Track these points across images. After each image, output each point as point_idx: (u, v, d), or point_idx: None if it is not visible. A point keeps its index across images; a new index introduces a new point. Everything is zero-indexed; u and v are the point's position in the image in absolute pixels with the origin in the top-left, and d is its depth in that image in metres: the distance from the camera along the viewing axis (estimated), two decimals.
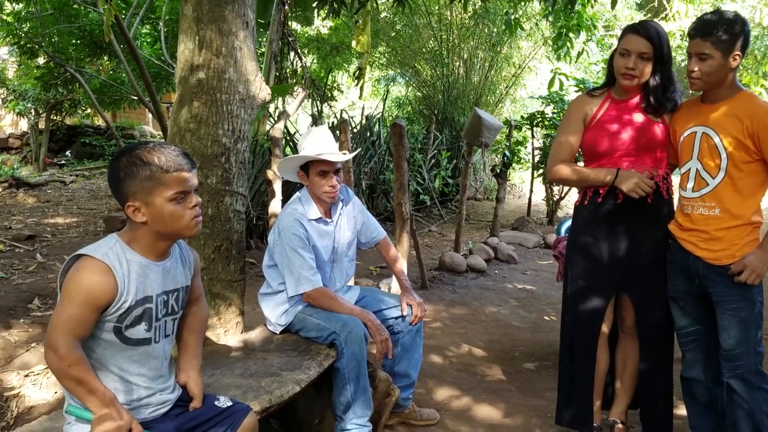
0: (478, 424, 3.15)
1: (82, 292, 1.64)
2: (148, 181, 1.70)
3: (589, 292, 2.70)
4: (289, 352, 2.71)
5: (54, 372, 1.65)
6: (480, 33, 11.51)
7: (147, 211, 1.72)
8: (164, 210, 1.72)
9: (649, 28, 2.53)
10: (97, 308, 1.66)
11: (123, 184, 1.71)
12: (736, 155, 2.36)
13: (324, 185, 2.82)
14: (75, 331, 1.63)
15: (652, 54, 2.51)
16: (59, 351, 1.60)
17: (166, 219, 1.73)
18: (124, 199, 1.73)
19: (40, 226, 7.72)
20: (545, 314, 5.25)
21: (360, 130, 9.66)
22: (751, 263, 2.31)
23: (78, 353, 1.63)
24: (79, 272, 1.66)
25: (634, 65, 2.51)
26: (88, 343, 1.70)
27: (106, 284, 1.66)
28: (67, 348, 1.61)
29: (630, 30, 2.56)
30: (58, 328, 1.62)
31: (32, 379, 3.30)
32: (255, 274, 5.65)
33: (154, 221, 1.73)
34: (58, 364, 1.61)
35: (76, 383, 1.63)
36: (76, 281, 1.65)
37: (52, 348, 1.61)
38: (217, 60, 2.83)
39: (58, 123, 15.43)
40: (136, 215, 1.72)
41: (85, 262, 1.67)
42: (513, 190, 14.44)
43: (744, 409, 2.40)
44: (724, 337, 2.41)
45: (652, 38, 2.50)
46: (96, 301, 1.65)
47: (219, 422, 1.89)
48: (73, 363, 1.61)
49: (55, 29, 8.82)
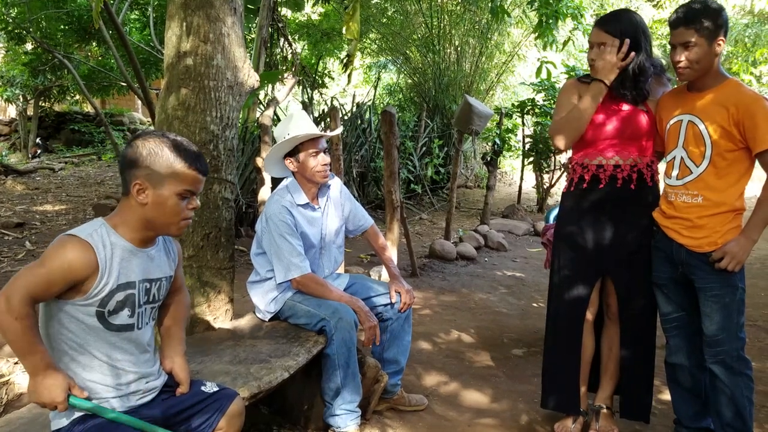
0: (466, 409, 3.18)
1: (57, 259, 1.64)
2: (167, 168, 1.74)
3: (575, 279, 2.73)
4: (278, 339, 2.72)
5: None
6: (470, 20, 11.48)
7: (152, 194, 1.74)
8: (168, 201, 1.76)
9: (606, 18, 2.61)
10: (69, 278, 1.65)
11: (142, 161, 1.74)
12: (721, 143, 2.38)
13: (317, 164, 2.84)
14: (35, 289, 1.61)
15: (615, 42, 2.54)
16: (11, 301, 1.58)
17: (166, 210, 1.76)
18: (134, 176, 1.74)
19: (29, 214, 7.69)
20: (534, 301, 5.29)
21: (351, 118, 9.64)
22: (731, 250, 2.34)
23: (29, 310, 1.61)
24: (58, 244, 1.67)
25: (595, 56, 2.57)
26: (72, 328, 1.70)
27: (86, 259, 1.66)
28: (20, 301, 1.58)
29: (594, 24, 2.64)
30: (19, 280, 1.61)
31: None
32: (245, 262, 5.66)
33: (153, 207, 1.75)
34: (5, 315, 1.58)
35: (18, 338, 1.59)
36: (54, 250, 1.65)
37: (4, 296, 1.58)
38: (204, 46, 2.82)
39: (47, 109, 15.31)
40: (140, 194, 1.74)
41: (68, 239, 1.68)
42: (503, 177, 14.49)
43: (726, 394, 2.44)
44: (707, 324, 2.44)
45: (610, 29, 2.55)
46: (70, 270, 1.64)
47: (206, 407, 1.90)
48: (20, 317, 1.58)
49: (43, 15, 8.71)
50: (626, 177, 2.61)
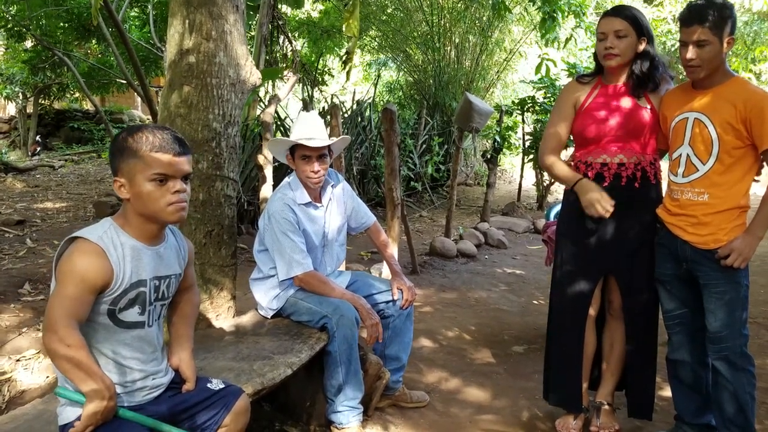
0: (467, 405, 3.19)
1: (78, 274, 1.63)
2: (132, 158, 1.72)
3: (577, 275, 2.73)
4: (280, 336, 2.73)
5: (52, 353, 1.61)
6: (471, 17, 11.47)
7: (129, 188, 1.74)
8: (143, 189, 1.72)
9: (620, 8, 2.60)
10: (93, 290, 1.66)
11: (114, 159, 1.75)
12: (728, 141, 2.37)
13: (306, 170, 2.84)
14: (73, 312, 1.62)
15: (630, 30, 2.54)
16: (58, 331, 1.58)
17: (144, 198, 1.73)
18: (114, 175, 1.77)
19: (29, 211, 7.69)
20: (534, 298, 5.30)
21: (351, 115, 9.64)
22: (737, 247, 2.34)
23: (78, 335, 1.61)
24: (73, 255, 1.66)
25: (612, 44, 2.55)
26: (82, 327, 1.71)
27: (101, 267, 1.66)
28: (66, 329, 1.59)
29: (603, 15, 2.63)
30: (56, 308, 1.61)
31: (24, 363, 3.31)
32: (246, 259, 5.66)
33: (134, 199, 1.74)
34: (57, 345, 1.58)
35: (74, 365, 1.60)
36: (70, 264, 1.65)
37: (51, 329, 1.59)
38: (207, 44, 2.82)
39: (47, 107, 15.29)
40: (121, 191, 1.75)
41: (80, 245, 1.68)
42: (503, 175, 14.49)
43: (729, 390, 2.44)
44: (711, 320, 2.44)
45: (626, 16, 2.55)
46: (92, 282, 1.65)
47: (212, 404, 1.90)
48: (72, 344, 1.59)
49: (43, 12, 8.69)
50: (630, 175, 2.60)
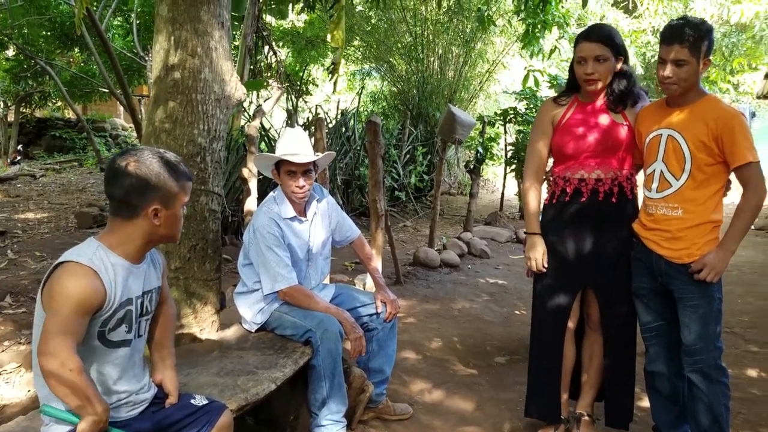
0: (450, 417, 3.22)
1: (74, 297, 1.62)
2: (175, 187, 1.80)
3: (556, 289, 2.78)
4: (265, 350, 2.74)
5: (54, 377, 1.57)
6: (454, 29, 11.57)
7: (166, 214, 1.80)
8: (177, 215, 1.84)
9: (598, 31, 2.63)
10: (89, 312, 1.67)
11: (153, 185, 1.76)
12: (700, 157, 2.44)
13: (291, 185, 2.87)
14: (72, 335, 1.60)
15: (609, 54, 2.59)
16: (59, 355, 1.56)
17: (176, 224, 1.85)
18: (148, 201, 1.76)
19: (10, 222, 7.61)
20: (516, 308, 5.35)
21: (335, 126, 9.67)
22: (710, 262, 2.40)
23: (78, 359, 1.59)
24: (66, 278, 1.64)
25: (593, 69, 2.60)
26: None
27: (96, 289, 1.67)
28: (68, 353, 1.57)
29: (581, 38, 2.65)
30: (54, 333, 1.58)
31: (5, 377, 3.29)
32: (229, 270, 5.66)
33: (167, 225, 1.81)
34: (60, 370, 1.55)
35: (73, 390, 1.58)
36: (64, 288, 1.63)
37: (50, 353, 1.56)
38: (192, 60, 2.84)
39: (28, 116, 15.16)
40: (155, 218, 1.78)
41: (72, 268, 1.67)
42: (486, 185, 14.59)
43: (704, 402, 2.50)
44: (685, 333, 2.50)
45: (605, 40, 2.59)
46: (88, 305, 1.65)
47: (195, 420, 1.92)
48: (74, 368, 1.57)
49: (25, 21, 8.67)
50: (607, 190, 2.67)
